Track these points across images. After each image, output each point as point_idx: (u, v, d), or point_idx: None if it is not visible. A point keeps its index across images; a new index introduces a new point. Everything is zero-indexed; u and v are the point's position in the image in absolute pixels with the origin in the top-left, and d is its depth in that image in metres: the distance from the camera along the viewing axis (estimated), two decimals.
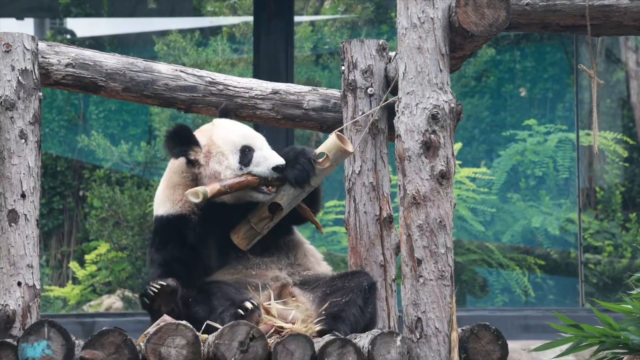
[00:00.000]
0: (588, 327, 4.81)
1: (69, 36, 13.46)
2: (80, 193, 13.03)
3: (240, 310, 4.41)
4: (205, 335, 4.20)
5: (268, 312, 4.52)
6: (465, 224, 12.71)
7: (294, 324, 4.48)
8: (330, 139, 4.64)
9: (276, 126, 5.28)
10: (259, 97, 5.08)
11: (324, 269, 4.88)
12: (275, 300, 4.59)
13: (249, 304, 4.44)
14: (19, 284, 4.42)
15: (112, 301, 12.49)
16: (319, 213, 4.93)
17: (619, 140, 13.14)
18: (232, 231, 4.68)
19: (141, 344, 4.10)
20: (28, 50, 4.59)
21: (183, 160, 4.76)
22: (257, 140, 4.76)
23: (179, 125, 4.74)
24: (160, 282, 4.48)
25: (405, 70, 4.29)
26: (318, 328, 4.44)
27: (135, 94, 5.00)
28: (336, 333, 4.35)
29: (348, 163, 4.89)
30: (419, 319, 4.17)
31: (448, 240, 4.22)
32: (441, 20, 4.29)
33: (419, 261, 4.20)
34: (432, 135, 4.23)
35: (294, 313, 4.53)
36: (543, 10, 4.73)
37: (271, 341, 4.14)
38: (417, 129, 4.24)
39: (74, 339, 4.09)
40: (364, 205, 4.86)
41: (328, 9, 13.63)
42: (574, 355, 5.27)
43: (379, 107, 4.88)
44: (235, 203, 4.71)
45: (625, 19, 4.74)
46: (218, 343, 4.04)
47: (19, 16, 13.13)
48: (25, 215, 4.47)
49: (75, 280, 12.73)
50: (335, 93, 5.12)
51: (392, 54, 4.89)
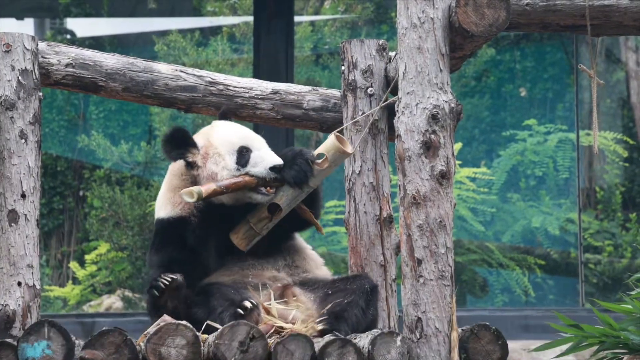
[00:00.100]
0: (588, 327, 4.81)
1: (69, 36, 13.46)
2: (81, 193, 13.03)
3: (239, 310, 4.41)
4: (205, 335, 4.20)
5: (268, 312, 4.52)
6: (465, 224, 12.71)
7: (294, 323, 4.47)
8: (329, 140, 4.63)
9: (276, 126, 5.28)
10: (259, 97, 5.08)
11: (323, 272, 4.87)
12: (276, 300, 4.59)
13: (248, 303, 4.44)
14: (19, 284, 4.42)
15: (112, 301, 12.48)
16: (320, 215, 4.92)
17: (619, 140, 13.13)
18: (232, 232, 4.67)
19: (141, 344, 4.10)
20: (28, 50, 4.59)
21: (182, 163, 4.75)
22: (255, 141, 4.74)
23: (176, 128, 4.73)
24: (171, 276, 4.49)
25: (405, 70, 4.29)
26: (320, 327, 4.44)
27: (135, 94, 4.99)
28: (336, 333, 4.35)
29: (348, 163, 4.89)
30: (419, 319, 4.17)
31: (448, 240, 4.22)
32: (441, 20, 4.29)
33: (419, 261, 4.20)
34: (432, 135, 4.23)
35: (294, 313, 4.53)
36: (543, 10, 4.73)
37: (271, 341, 4.14)
38: (417, 129, 4.24)
39: (74, 339, 4.09)
40: (364, 205, 4.86)
41: (328, 9, 13.63)
42: (574, 355, 5.27)
43: (379, 107, 4.88)
44: (234, 204, 4.70)
45: (625, 19, 4.74)
46: (218, 343, 4.04)
47: (19, 16, 13.13)
48: (26, 215, 4.47)
49: (76, 280, 12.73)
50: (335, 93, 5.12)
51: (392, 54, 4.88)
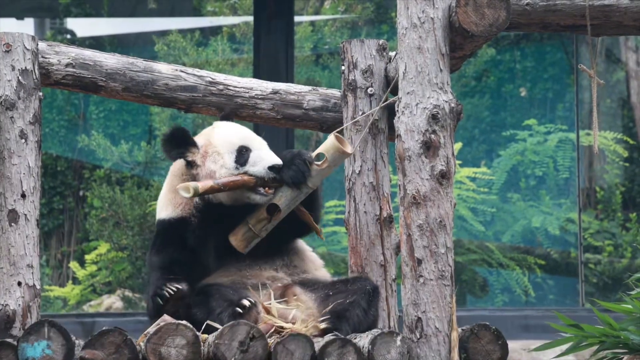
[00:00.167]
0: (588, 327, 4.81)
1: (69, 36, 13.46)
2: (81, 193, 13.03)
3: (238, 309, 4.41)
4: (205, 335, 4.20)
5: (268, 312, 4.52)
6: (465, 223, 12.71)
7: (294, 323, 4.47)
8: (329, 140, 4.63)
9: (276, 126, 5.28)
10: (259, 97, 5.08)
11: (322, 274, 4.86)
12: (276, 300, 4.58)
13: (246, 302, 4.44)
14: (19, 283, 4.42)
15: (112, 301, 12.49)
16: (320, 218, 4.91)
17: (619, 140, 13.14)
18: (231, 233, 4.67)
19: (141, 344, 4.10)
20: (28, 50, 4.59)
21: (182, 163, 4.75)
22: (256, 141, 4.74)
23: (176, 127, 4.73)
24: (176, 286, 4.49)
25: (405, 70, 4.29)
26: (324, 326, 4.44)
27: (135, 94, 4.99)
28: (336, 333, 4.35)
29: (348, 163, 4.89)
30: (419, 319, 4.17)
31: (448, 240, 4.22)
32: (441, 20, 4.29)
33: (419, 261, 4.20)
34: (432, 135, 4.23)
35: (294, 312, 4.53)
36: (543, 10, 4.72)
37: (271, 341, 4.14)
38: (417, 128, 4.24)
39: (74, 338, 4.09)
40: (364, 205, 4.86)
41: (328, 9, 13.63)
42: (574, 355, 5.27)
43: (379, 107, 4.88)
44: (232, 204, 4.70)
45: (625, 19, 4.74)
46: (218, 343, 4.04)
47: (19, 16, 13.13)
48: (26, 215, 4.47)
49: (76, 280, 12.73)
50: (336, 93, 5.12)
51: (392, 53, 4.88)
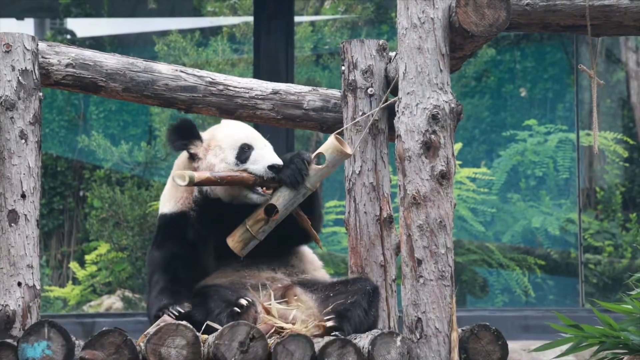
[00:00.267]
0: (588, 328, 4.81)
1: (69, 36, 13.46)
2: (81, 193, 13.03)
3: (236, 309, 4.41)
4: (205, 336, 4.20)
5: (268, 312, 4.52)
6: (465, 224, 12.71)
7: (294, 324, 4.47)
8: (329, 141, 4.63)
9: (276, 126, 5.28)
10: (259, 97, 5.08)
11: (321, 275, 4.86)
12: (277, 300, 4.58)
13: (244, 301, 4.44)
14: (19, 284, 4.42)
15: (112, 301, 12.48)
16: (320, 226, 4.88)
17: (619, 140, 13.14)
18: (229, 235, 4.66)
19: (141, 344, 4.10)
20: (28, 50, 4.59)
21: (186, 156, 4.78)
22: (259, 141, 4.76)
23: (183, 119, 4.78)
24: (179, 309, 4.50)
25: (405, 70, 4.29)
26: (330, 324, 4.43)
27: (135, 94, 4.99)
28: (336, 333, 4.35)
29: (348, 163, 4.89)
30: (419, 319, 4.17)
31: (448, 240, 4.22)
32: (441, 21, 4.29)
33: (419, 261, 4.20)
34: (433, 136, 4.23)
35: (295, 313, 4.53)
36: (543, 10, 4.72)
37: (271, 341, 4.14)
38: (418, 129, 4.24)
39: (74, 339, 4.09)
40: (364, 205, 4.86)
41: (328, 9, 13.63)
42: (574, 355, 5.27)
43: (379, 108, 4.87)
44: (230, 202, 4.70)
45: (626, 19, 4.74)
46: (218, 343, 4.04)
47: (19, 16, 13.13)
48: (26, 215, 4.47)
49: (76, 281, 12.73)
50: (336, 93, 5.12)
51: (393, 54, 4.88)
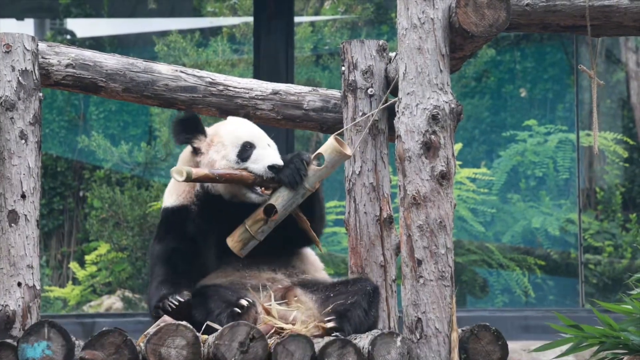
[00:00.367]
0: (588, 328, 4.81)
1: (69, 37, 13.46)
2: (81, 193, 13.03)
3: (236, 309, 4.41)
4: (205, 336, 4.20)
5: (268, 313, 4.52)
6: (465, 224, 12.71)
7: (294, 324, 4.47)
8: (328, 142, 4.63)
9: (276, 127, 5.28)
10: (259, 98, 5.08)
11: (322, 276, 4.86)
12: (277, 301, 4.58)
13: (244, 302, 4.44)
14: (19, 284, 4.42)
15: (112, 302, 12.48)
16: (321, 229, 4.87)
17: (619, 140, 13.14)
18: (229, 235, 4.65)
19: (141, 345, 4.10)
20: (28, 50, 4.59)
21: (190, 150, 4.78)
22: (262, 140, 4.75)
23: (189, 113, 4.79)
24: (178, 299, 4.49)
25: (405, 70, 4.29)
26: (331, 325, 4.43)
27: (135, 94, 4.99)
28: (337, 334, 4.35)
29: (348, 164, 4.89)
30: (419, 320, 4.17)
31: (448, 240, 4.22)
32: (441, 21, 4.29)
33: (419, 262, 4.20)
34: (433, 136, 4.23)
35: (295, 313, 4.53)
36: (543, 10, 4.72)
37: (271, 342, 4.14)
38: (418, 129, 4.24)
39: (74, 339, 4.09)
40: (364, 205, 4.86)
41: (328, 10, 13.63)
42: (574, 355, 5.27)
43: (379, 109, 4.87)
44: (231, 200, 4.70)
45: (626, 19, 4.74)
46: (218, 344, 4.04)
47: (19, 17, 13.13)
48: (26, 215, 4.47)
49: (76, 281, 12.73)
50: (336, 93, 5.12)
51: (393, 54, 4.88)
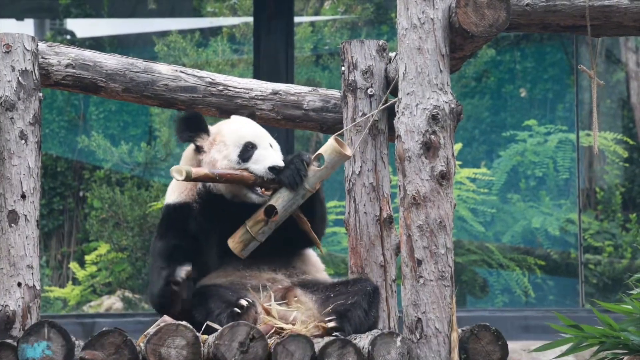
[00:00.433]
0: (588, 328, 4.81)
1: (69, 37, 13.46)
2: (81, 194, 13.03)
3: (236, 309, 4.41)
4: (205, 336, 4.20)
5: (268, 313, 4.52)
6: (465, 224, 12.71)
7: (294, 324, 4.47)
8: (328, 142, 4.63)
9: (276, 127, 5.28)
10: (259, 98, 5.08)
11: (323, 276, 4.85)
12: (277, 301, 4.58)
13: (244, 302, 4.44)
14: (19, 284, 4.42)
15: (112, 302, 12.49)
16: (322, 231, 4.86)
17: (619, 140, 13.14)
18: (231, 236, 4.65)
19: (141, 345, 4.10)
20: (28, 50, 4.59)
21: (193, 148, 4.79)
22: (264, 140, 4.75)
23: (193, 112, 4.79)
24: (186, 268, 4.50)
25: (405, 70, 4.29)
26: (332, 325, 4.43)
27: (135, 94, 4.99)
28: (337, 334, 4.35)
29: (348, 164, 4.89)
30: (419, 320, 4.17)
31: (448, 240, 4.22)
32: (441, 21, 4.29)
33: (419, 262, 4.20)
34: (432, 136, 4.23)
35: (295, 314, 4.53)
36: (543, 10, 4.72)
37: (271, 342, 4.14)
38: (417, 129, 4.24)
39: (74, 339, 4.09)
40: (364, 205, 4.86)
41: (328, 10, 13.63)
42: (574, 355, 5.27)
43: (379, 110, 4.87)
44: (232, 199, 4.70)
45: (626, 19, 4.74)
46: (218, 344, 4.04)
47: (19, 17, 13.13)
48: (25, 215, 4.47)
49: (75, 281, 12.72)
50: (336, 94, 5.12)
51: (392, 54, 4.88)
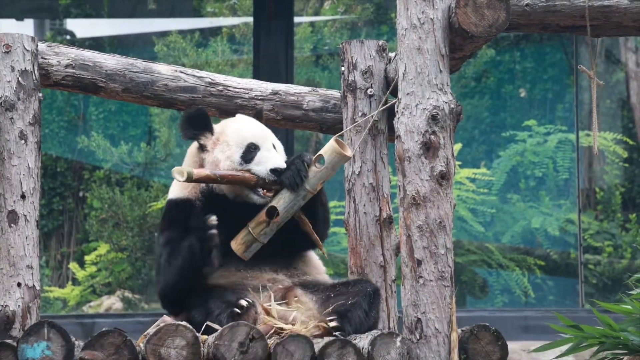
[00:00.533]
0: (588, 328, 4.81)
1: (68, 37, 13.46)
2: (80, 194, 13.03)
3: (236, 309, 4.41)
4: (205, 336, 4.20)
5: (268, 313, 4.52)
6: (465, 224, 12.71)
7: (294, 324, 4.47)
8: (329, 143, 4.63)
9: (276, 127, 5.28)
10: (259, 98, 5.08)
11: (324, 277, 4.85)
12: (277, 302, 4.58)
13: (244, 302, 4.44)
14: (19, 284, 4.42)
15: (112, 302, 12.49)
16: (325, 234, 4.85)
17: (619, 140, 13.14)
18: (233, 238, 4.64)
19: (141, 345, 4.10)
20: (28, 51, 4.59)
21: (197, 146, 4.78)
22: (267, 142, 4.74)
23: (199, 109, 4.79)
24: (212, 218, 4.50)
25: (405, 71, 4.29)
26: (333, 324, 4.43)
27: (135, 94, 4.99)
28: (337, 334, 4.35)
29: (348, 164, 4.89)
30: (419, 320, 4.17)
31: (448, 240, 4.22)
32: (441, 21, 4.29)
33: (419, 262, 4.20)
34: (432, 136, 4.23)
35: (295, 314, 4.53)
36: (543, 11, 4.72)
37: (271, 342, 4.14)
38: (417, 129, 4.24)
39: (73, 339, 4.09)
40: (364, 206, 4.86)
41: (328, 10, 13.63)
42: (573, 355, 5.27)
43: (379, 110, 4.87)
44: (234, 199, 4.70)
45: (625, 19, 4.74)
46: (218, 344, 4.04)
47: (19, 17, 13.13)
48: (25, 216, 4.47)
49: (75, 281, 12.73)
50: (335, 94, 5.12)
51: (392, 54, 4.88)
